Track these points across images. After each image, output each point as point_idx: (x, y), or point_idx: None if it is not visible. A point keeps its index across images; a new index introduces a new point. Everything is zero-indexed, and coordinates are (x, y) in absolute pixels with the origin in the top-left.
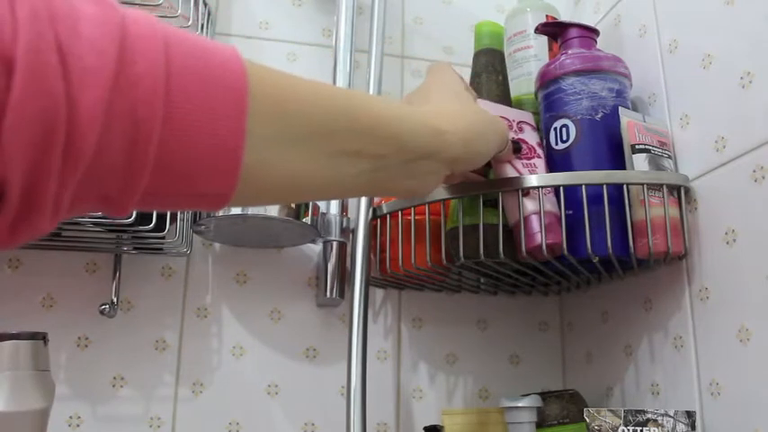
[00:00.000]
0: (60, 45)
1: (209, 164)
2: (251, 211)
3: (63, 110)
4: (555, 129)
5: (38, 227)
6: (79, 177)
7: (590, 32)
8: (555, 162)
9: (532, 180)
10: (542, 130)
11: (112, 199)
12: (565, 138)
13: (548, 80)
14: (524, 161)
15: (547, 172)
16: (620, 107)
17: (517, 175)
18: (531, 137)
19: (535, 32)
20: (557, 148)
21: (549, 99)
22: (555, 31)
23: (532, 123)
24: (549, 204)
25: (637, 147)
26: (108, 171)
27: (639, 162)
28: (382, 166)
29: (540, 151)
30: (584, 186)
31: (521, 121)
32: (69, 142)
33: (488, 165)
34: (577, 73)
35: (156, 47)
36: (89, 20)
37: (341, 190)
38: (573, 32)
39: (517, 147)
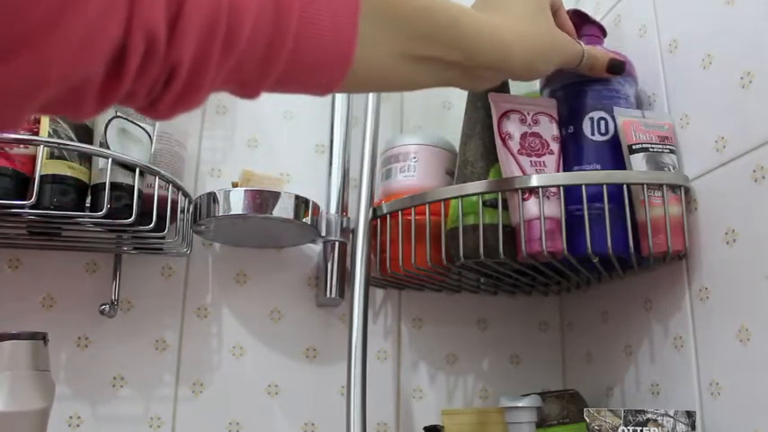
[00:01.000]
0: None
1: (329, 55)
2: (251, 210)
3: (226, 6)
4: (592, 119)
5: (192, 105)
6: (231, 65)
7: (603, 34)
8: (591, 152)
9: (533, 180)
10: (567, 114)
11: (249, 83)
12: (603, 130)
13: None
14: (534, 158)
15: (564, 163)
16: (614, 107)
17: (519, 172)
18: (546, 129)
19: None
20: (594, 138)
21: (585, 86)
22: (580, 22)
23: (551, 113)
24: (551, 209)
25: (633, 147)
26: (251, 59)
27: (637, 162)
28: (453, 71)
29: (554, 146)
30: (584, 186)
31: (537, 113)
32: (228, 34)
33: (495, 160)
34: (627, 73)
35: None
36: None
37: (414, 86)
38: (596, 30)
39: (615, 66)
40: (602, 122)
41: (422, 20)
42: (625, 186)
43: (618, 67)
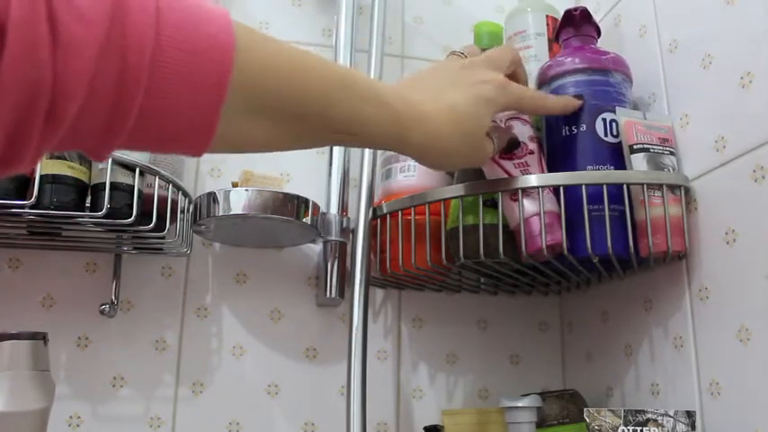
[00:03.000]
0: (52, 15)
1: (185, 128)
2: (251, 210)
3: (49, 79)
4: (604, 120)
5: (15, 170)
6: (61, 135)
7: (598, 34)
8: (605, 153)
9: (532, 180)
10: (578, 112)
11: (90, 150)
12: (615, 133)
13: (598, 68)
14: (516, 161)
15: (548, 163)
16: (617, 107)
17: (505, 175)
18: (521, 132)
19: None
20: (606, 139)
21: (594, 86)
22: (580, 21)
23: (524, 117)
24: (549, 203)
25: (635, 147)
26: (89, 130)
27: (638, 162)
28: (349, 144)
29: (532, 146)
30: (584, 186)
31: (509, 118)
32: (52, 108)
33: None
34: (623, 74)
35: (147, 18)
36: None
37: (297, 149)
38: (591, 30)
39: (512, 144)
40: (614, 124)
41: (313, 97)
42: (625, 186)
43: (514, 144)
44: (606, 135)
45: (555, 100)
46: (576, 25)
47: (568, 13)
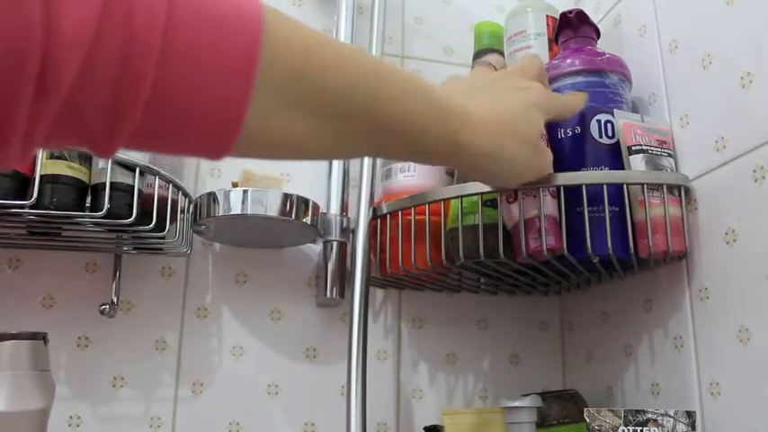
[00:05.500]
0: None
1: (208, 115)
2: (251, 210)
3: (38, 35)
4: (599, 121)
5: (5, 160)
6: (55, 111)
7: (597, 35)
8: (600, 155)
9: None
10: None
11: (96, 140)
12: (611, 134)
13: (593, 70)
14: None
15: (572, 164)
16: (615, 109)
17: None
18: None
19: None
20: (601, 141)
21: (590, 88)
22: (578, 23)
23: None
24: (549, 207)
25: (633, 148)
26: (91, 108)
27: (636, 163)
28: (391, 150)
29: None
30: (584, 186)
31: None
32: (44, 72)
33: None
34: (620, 75)
35: None
36: None
37: (342, 158)
38: (590, 32)
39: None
40: (609, 125)
41: (358, 91)
42: (625, 187)
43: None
44: (601, 137)
45: (580, 97)
46: (573, 27)
47: (564, 16)
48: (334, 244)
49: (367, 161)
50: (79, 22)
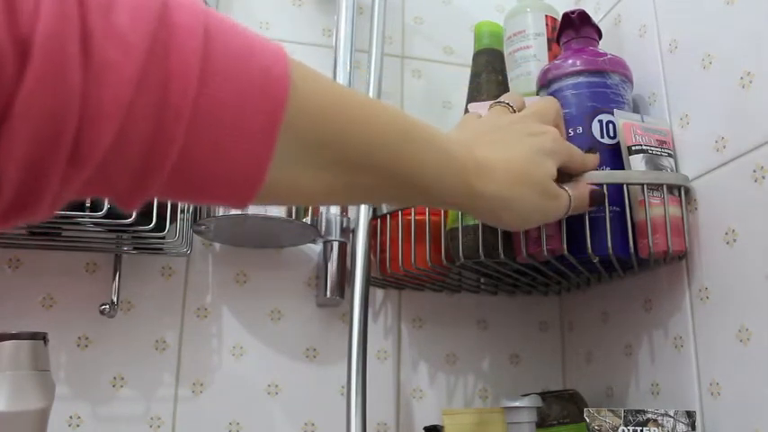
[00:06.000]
0: (86, 33)
1: (230, 174)
2: (251, 210)
3: (76, 107)
4: (600, 121)
5: (32, 218)
6: (86, 177)
7: (599, 36)
8: (602, 154)
9: None
10: (575, 115)
11: (121, 195)
12: (612, 134)
13: (594, 70)
14: None
15: None
16: (615, 109)
17: None
18: None
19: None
20: (603, 141)
21: (592, 88)
22: (579, 23)
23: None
24: None
25: (633, 148)
26: (119, 175)
27: (636, 163)
28: (404, 200)
29: None
30: None
31: None
32: (78, 142)
33: None
34: (622, 75)
35: (194, 42)
36: (124, 5)
37: (349, 204)
38: (592, 32)
39: (597, 198)
40: (610, 126)
41: (378, 147)
42: (625, 187)
43: (600, 198)
44: (603, 137)
45: (593, 158)
46: (575, 27)
47: (566, 17)
48: (335, 244)
49: None
50: (116, 94)
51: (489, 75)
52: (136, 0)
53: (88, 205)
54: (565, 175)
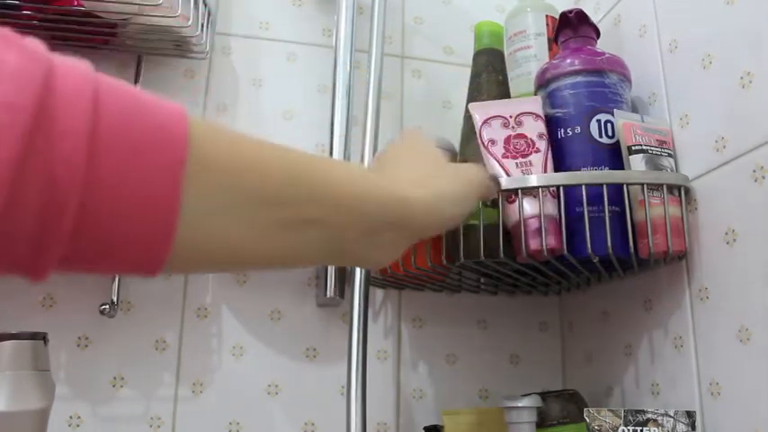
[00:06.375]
0: None
1: (137, 235)
2: None
3: None
4: (599, 121)
5: None
6: None
7: (597, 35)
8: (600, 154)
9: (532, 180)
10: (573, 114)
11: (25, 266)
12: (611, 134)
13: (592, 69)
14: (519, 160)
15: (570, 163)
16: (615, 109)
17: (504, 174)
18: (531, 128)
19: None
20: (601, 141)
21: (590, 88)
22: (577, 23)
23: (536, 111)
24: (549, 207)
25: (633, 148)
26: (17, 239)
27: (636, 163)
28: (341, 236)
29: (540, 144)
30: (584, 186)
31: (520, 113)
32: None
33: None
34: (620, 75)
35: (83, 102)
36: (7, 72)
37: (291, 261)
38: (590, 32)
39: (496, 183)
40: (609, 125)
41: (289, 179)
42: (625, 187)
43: (495, 181)
44: (601, 136)
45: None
46: (573, 27)
47: (564, 16)
48: None
49: (368, 159)
50: (3, 155)
51: (490, 75)
52: (18, 68)
53: None
54: None
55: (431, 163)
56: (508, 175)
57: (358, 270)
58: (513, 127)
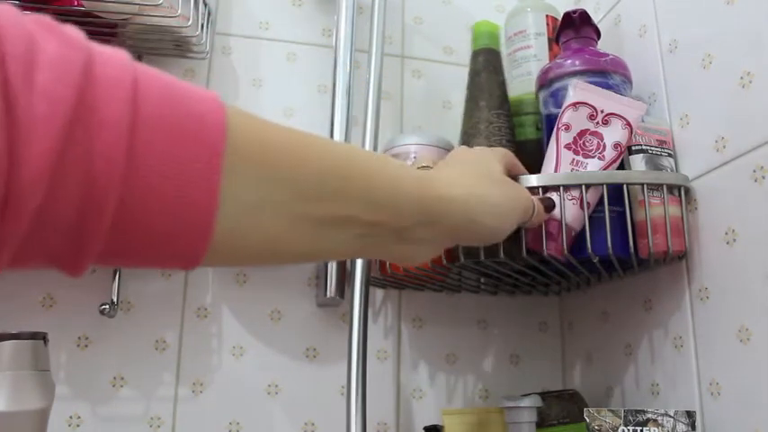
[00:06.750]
0: (8, 89)
1: (176, 228)
2: None
3: (3, 164)
4: None
5: None
6: (22, 235)
7: (597, 36)
8: None
9: (532, 180)
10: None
11: (63, 259)
12: None
13: (596, 70)
14: (579, 157)
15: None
16: None
17: (553, 166)
18: (612, 133)
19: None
20: None
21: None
22: (580, 23)
23: (627, 117)
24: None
25: (633, 148)
26: (57, 230)
27: (636, 163)
28: (374, 232)
29: (610, 152)
30: (584, 186)
31: (611, 114)
32: (8, 200)
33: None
34: (622, 76)
35: (122, 92)
36: (47, 60)
37: (326, 255)
38: (591, 32)
39: (549, 204)
40: None
41: (326, 172)
42: (625, 187)
43: (551, 205)
44: None
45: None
46: (575, 27)
47: (567, 16)
48: None
49: None
50: (45, 148)
51: (490, 74)
52: (58, 57)
53: None
54: None
55: (482, 173)
56: (557, 167)
57: (358, 270)
58: (597, 123)
